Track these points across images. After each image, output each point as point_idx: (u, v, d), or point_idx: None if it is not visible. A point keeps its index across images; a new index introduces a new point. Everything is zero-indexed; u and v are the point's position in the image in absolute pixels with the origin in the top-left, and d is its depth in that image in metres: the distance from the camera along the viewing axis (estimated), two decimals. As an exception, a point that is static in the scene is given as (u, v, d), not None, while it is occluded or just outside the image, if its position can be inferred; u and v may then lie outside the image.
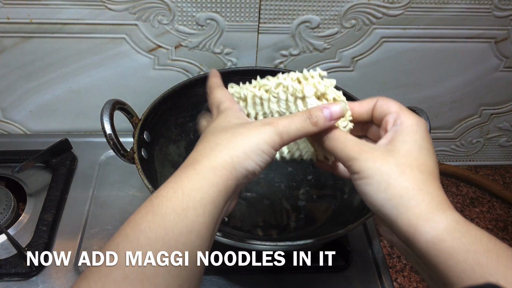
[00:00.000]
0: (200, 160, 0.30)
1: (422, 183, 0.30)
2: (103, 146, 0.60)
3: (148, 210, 0.27)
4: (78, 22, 0.58)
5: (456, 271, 0.27)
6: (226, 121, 0.34)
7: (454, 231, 0.28)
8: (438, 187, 0.30)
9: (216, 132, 0.33)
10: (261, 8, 0.58)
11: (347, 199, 0.59)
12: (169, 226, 0.26)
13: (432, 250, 0.28)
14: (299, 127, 0.32)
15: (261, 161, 0.31)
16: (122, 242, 0.25)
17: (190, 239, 0.26)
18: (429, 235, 0.28)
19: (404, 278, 0.59)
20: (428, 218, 0.28)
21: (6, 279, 0.53)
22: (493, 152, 0.79)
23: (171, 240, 0.25)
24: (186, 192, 0.27)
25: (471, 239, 0.27)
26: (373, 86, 0.68)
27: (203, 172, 0.29)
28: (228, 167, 0.29)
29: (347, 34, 0.61)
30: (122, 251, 0.25)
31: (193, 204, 0.27)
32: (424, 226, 0.28)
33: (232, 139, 0.31)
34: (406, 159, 0.31)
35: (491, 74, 0.67)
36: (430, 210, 0.29)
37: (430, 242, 0.28)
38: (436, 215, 0.28)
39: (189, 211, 0.27)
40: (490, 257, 0.26)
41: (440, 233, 0.28)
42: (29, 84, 0.65)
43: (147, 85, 0.66)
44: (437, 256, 0.27)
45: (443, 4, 0.58)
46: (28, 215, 0.59)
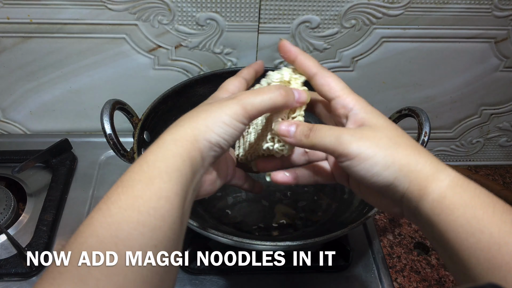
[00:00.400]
0: (163, 136, 0.31)
1: (416, 148, 0.31)
2: (103, 146, 0.60)
3: (118, 185, 0.27)
4: (78, 22, 0.58)
5: (455, 225, 0.28)
6: (201, 104, 0.34)
7: (455, 186, 0.29)
8: (426, 150, 0.32)
9: (185, 115, 0.33)
10: (261, 8, 0.58)
11: (347, 199, 0.59)
12: (138, 194, 0.26)
13: (436, 208, 0.29)
14: (266, 98, 0.32)
15: (224, 133, 0.31)
16: (95, 214, 0.26)
17: (159, 204, 0.26)
18: (435, 194, 0.29)
19: (404, 278, 0.59)
20: (434, 177, 0.29)
21: (6, 279, 0.53)
22: (493, 152, 0.79)
23: (141, 206, 0.26)
24: (151, 164, 0.28)
25: (471, 194, 0.28)
26: (373, 86, 0.68)
27: (165, 145, 0.29)
28: (189, 139, 0.30)
29: (347, 34, 0.61)
30: (97, 221, 0.26)
31: (158, 173, 0.27)
32: (431, 185, 0.29)
33: (195, 115, 0.32)
34: (388, 132, 0.31)
35: (491, 74, 0.67)
36: (434, 169, 0.30)
37: (435, 201, 0.29)
38: (440, 173, 0.29)
39: (155, 179, 0.27)
40: (486, 211, 0.27)
41: (443, 190, 0.29)
42: (29, 84, 0.65)
43: (147, 85, 0.66)
44: (440, 213, 0.28)
45: (443, 4, 0.58)
46: (28, 215, 0.59)
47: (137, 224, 0.25)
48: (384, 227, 0.65)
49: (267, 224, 0.57)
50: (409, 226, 0.66)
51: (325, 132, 0.32)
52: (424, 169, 0.30)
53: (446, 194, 0.29)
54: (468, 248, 0.27)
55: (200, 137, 0.30)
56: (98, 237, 0.24)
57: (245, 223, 0.56)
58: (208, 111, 0.32)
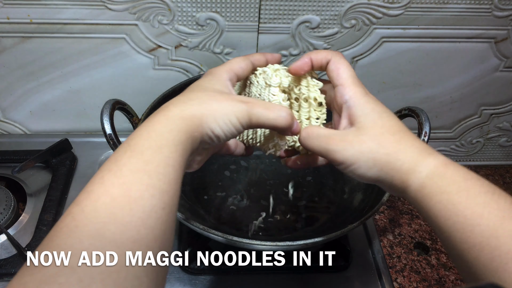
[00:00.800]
0: (171, 109, 0.32)
1: (397, 143, 0.33)
2: (103, 146, 0.60)
3: (126, 149, 0.28)
4: (78, 22, 0.58)
5: (434, 211, 0.31)
6: (210, 84, 0.35)
7: (433, 176, 0.31)
8: (413, 139, 0.34)
9: (195, 90, 0.34)
10: (261, 8, 0.58)
11: (347, 199, 0.59)
12: (148, 159, 0.27)
13: (418, 197, 0.32)
14: (271, 117, 0.34)
15: (227, 130, 0.33)
16: (106, 175, 0.27)
17: (167, 171, 0.28)
18: (415, 185, 0.32)
19: (404, 278, 0.59)
20: (414, 170, 0.32)
21: (6, 279, 0.53)
22: (493, 152, 0.79)
23: (151, 171, 0.27)
24: (159, 133, 0.29)
25: (447, 181, 0.31)
26: (373, 86, 0.68)
27: (173, 119, 0.31)
28: (196, 121, 0.31)
29: (347, 34, 0.61)
30: (108, 181, 0.26)
31: (166, 142, 0.29)
32: (411, 178, 0.32)
33: (207, 100, 0.33)
34: (375, 130, 0.34)
35: (491, 74, 0.67)
36: (414, 163, 0.32)
37: (416, 191, 0.32)
38: (418, 166, 0.32)
39: (164, 148, 0.28)
40: (460, 196, 0.30)
41: (422, 180, 0.31)
42: (29, 84, 0.65)
43: (147, 85, 0.66)
44: (421, 201, 0.32)
45: (443, 4, 0.58)
46: (28, 215, 0.59)
47: (148, 186, 0.26)
48: (384, 227, 0.65)
49: (267, 224, 0.57)
50: (409, 226, 0.66)
51: (316, 141, 0.36)
52: (404, 165, 0.32)
53: (425, 184, 0.31)
54: (446, 230, 0.30)
55: (205, 124, 0.32)
56: (111, 196, 0.25)
57: (245, 223, 0.56)
58: (219, 103, 0.33)
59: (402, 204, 0.70)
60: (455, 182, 0.30)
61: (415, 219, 0.67)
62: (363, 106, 0.35)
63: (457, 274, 0.60)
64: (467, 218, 0.29)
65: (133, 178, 0.26)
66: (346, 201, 0.58)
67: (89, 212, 0.24)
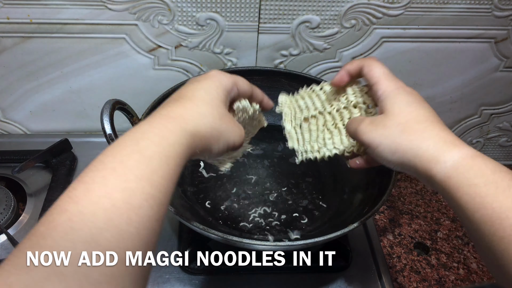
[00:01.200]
0: (187, 120, 0.32)
1: (422, 131, 0.34)
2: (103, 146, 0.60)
3: (134, 149, 0.28)
4: (78, 22, 0.58)
5: (461, 202, 0.31)
6: (217, 94, 0.35)
7: (459, 167, 0.32)
8: (440, 129, 0.35)
9: (206, 99, 0.34)
10: (261, 8, 0.58)
11: (347, 199, 0.59)
12: (155, 169, 0.27)
13: (446, 188, 0.32)
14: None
15: (222, 151, 0.36)
16: (110, 175, 0.26)
17: (168, 184, 0.28)
18: (440, 175, 0.32)
19: (404, 278, 0.59)
20: (438, 160, 0.33)
21: (6, 279, 0.52)
22: (493, 152, 0.79)
23: (155, 182, 0.27)
24: (171, 144, 0.29)
25: (474, 173, 0.31)
26: (373, 86, 0.68)
27: (185, 132, 0.31)
28: (203, 140, 0.33)
29: (347, 34, 0.61)
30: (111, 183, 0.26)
31: (174, 155, 0.29)
32: (436, 167, 0.33)
33: (217, 121, 0.34)
34: (401, 118, 0.35)
35: (491, 74, 0.67)
36: (438, 152, 0.33)
37: (442, 181, 0.32)
38: (443, 155, 0.33)
39: (171, 160, 0.29)
40: (489, 188, 0.30)
41: (448, 170, 0.32)
42: (29, 84, 0.65)
43: (147, 85, 0.66)
44: (449, 192, 0.32)
45: (443, 4, 0.58)
46: (28, 215, 0.59)
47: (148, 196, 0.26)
48: (384, 227, 0.65)
49: (268, 224, 0.57)
50: (409, 226, 0.66)
51: (351, 125, 0.40)
52: (426, 153, 0.33)
53: (451, 175, 0.32)
54: (475, 222, 0.30)
55: (210, 145, 0.34)
56: (112, 201, 0.25)
57: (245, 223, 0.56)
58: (226, 126, 0.35)
59: (402, 204, 0.70)
60: (483, 175, 0.31)
61: (415, 219, 0.67)
62: (393, 97, 0.37)
63: (457, 274, 0.60)
64: (495, 211, 0.29)
65: (137, 185, 0.26)
66: (346, 201, 0.58)
67: (87, 214, 0.24)
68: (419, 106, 0.36)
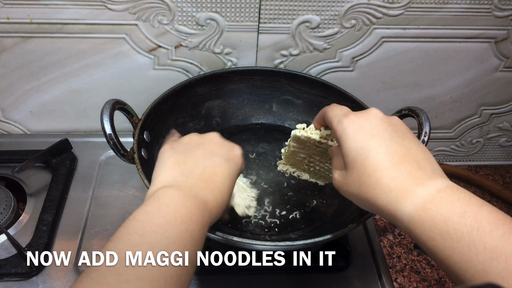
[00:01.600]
0: (213, 204, 0.38)
1: (374, 188, 0.34)
2: (103, 146, 0.60)
3: (154, 209, 0.34)
4: (78, 22, 0.58)
5: (429, 251, 0.32)
6: (233, 170, 0.42)
7: (415, 221, 0.32)
8: (391, 177, 0.34)
9: (228, 179, 0.40)
10: (261, 8, 0.58)
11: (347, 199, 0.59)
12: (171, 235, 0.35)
13: (412, 235, 0.33)
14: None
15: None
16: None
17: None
18: (403, 226, 0.33)
19: (404, 278, 0.59)
20: (395, 216, 0.33)
21: (6, 279, 0.53)
22: (493, 152, 0.79)
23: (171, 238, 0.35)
24: (195, 230, 0.36)
25: (429, 226, 0.31)
26: (373, 86, 0.68)
27: (210, 215, 0.37)
28: (218, 216, 0.39)
29: (347, 34, 0.61)
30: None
31: (191, 235, 0.37)
32: (396, 221, 0.34)
33: (230, 195, 0.41)
34: (354, 173, 0.36)
35: (491, 74, 0.67)
36: (393, 207, 0.33)
37: (407, 230, 0.33)
38: (400, 210, 0.33)
39: (188, 225, 0.35)
40: (445, 240, 0.30)
41: (406, 224, 0.33)
42: (29, 84, 0.65)
43: (147, 85, 0.66)
44: (414, 232, 0.32)
45: (443, 4, 0.58)
46: (28, 215, 0.59)
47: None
48: (384, 227, 0.65)
49: (268, 224, 0.57)
50: (409, 226, 0.66)
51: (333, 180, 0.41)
52: (385, 209, 0.34)
53: (410, 227, 0.32)
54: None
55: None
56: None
57: (245, 223, 0.56)
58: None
59: (402, 204, 0.69)
60: (436, 225, 0.31)
61: (415, 219, 0.67)
62: (343, 144, 0.37)
63: (457, 274, 0.60)
64: (458, 265, 0.30)
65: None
66: (346, 201, 0.58)
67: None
68: (369, 147, 0.35)
